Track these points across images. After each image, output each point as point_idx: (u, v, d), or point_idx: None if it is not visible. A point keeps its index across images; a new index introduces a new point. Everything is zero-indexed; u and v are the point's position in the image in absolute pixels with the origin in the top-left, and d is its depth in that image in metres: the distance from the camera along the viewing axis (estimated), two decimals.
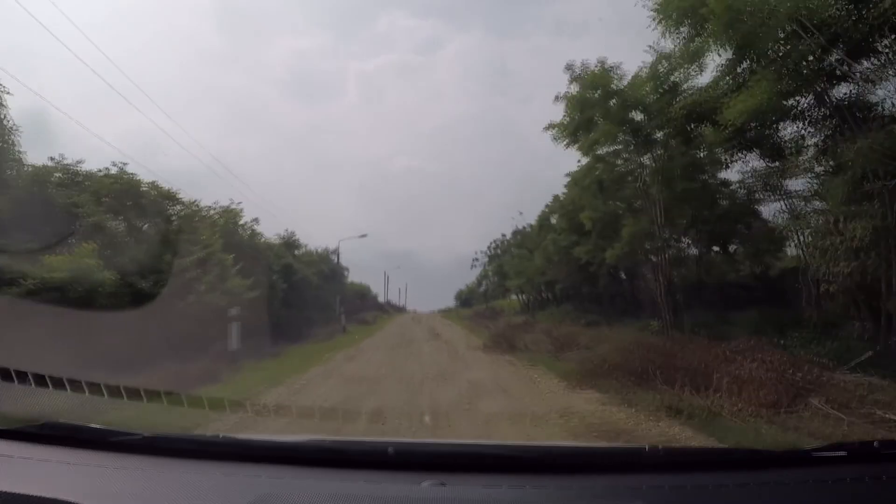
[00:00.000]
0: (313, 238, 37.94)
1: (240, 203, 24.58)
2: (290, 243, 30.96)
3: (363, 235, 45.51)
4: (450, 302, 71.10)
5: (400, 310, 67.45)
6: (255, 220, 23.42)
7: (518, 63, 64.75)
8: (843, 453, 2.13)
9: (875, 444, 2.14)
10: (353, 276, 49.57)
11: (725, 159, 15.92)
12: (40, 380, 4.32)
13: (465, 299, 65.20)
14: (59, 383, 4.47)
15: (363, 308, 46.08)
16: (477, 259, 52.38)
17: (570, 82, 17.15)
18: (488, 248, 49.58)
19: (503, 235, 47.53)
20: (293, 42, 57.93)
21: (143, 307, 12.31)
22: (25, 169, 13.58)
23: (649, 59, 15.92)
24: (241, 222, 22.39)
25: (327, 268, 34.95)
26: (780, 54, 11.75)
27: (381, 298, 62.68)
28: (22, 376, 4.18)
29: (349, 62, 68.82)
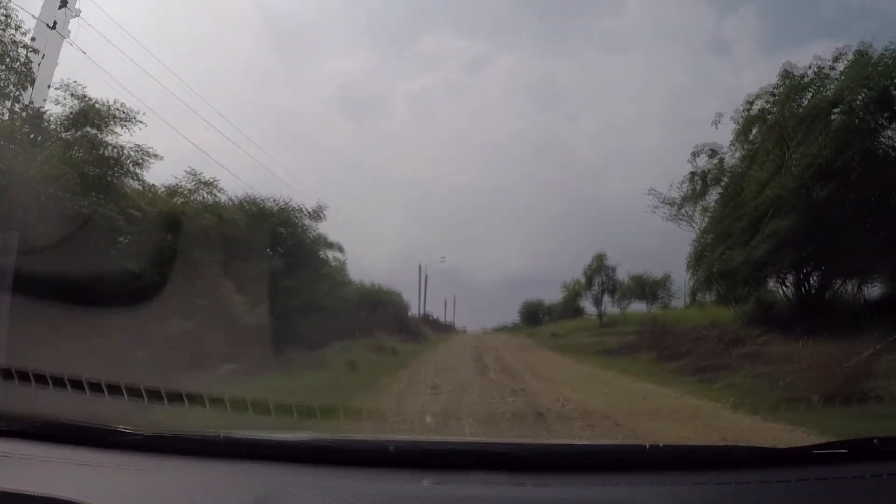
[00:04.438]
0: (363, 258, 28.32)
1: None
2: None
3: None
4: (502, 319, 62.32)
5: (445, 328, 48.00)
6: None
7: (566, 79, 64.80)
8: (843, 451, 2.12)
9: (875, 441, 2.11)
10: (388, 284, 32.26)
11: None
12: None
13: (532, 314, 51.77)
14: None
15: (374, 323, 24.63)
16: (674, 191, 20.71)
17: None
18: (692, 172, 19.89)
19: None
20: (341, 62, 59.83)
21: None
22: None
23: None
24: None
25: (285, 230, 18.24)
26: None
27: (414, 311, 41.71)
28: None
29: (397, 82, 70.12)
